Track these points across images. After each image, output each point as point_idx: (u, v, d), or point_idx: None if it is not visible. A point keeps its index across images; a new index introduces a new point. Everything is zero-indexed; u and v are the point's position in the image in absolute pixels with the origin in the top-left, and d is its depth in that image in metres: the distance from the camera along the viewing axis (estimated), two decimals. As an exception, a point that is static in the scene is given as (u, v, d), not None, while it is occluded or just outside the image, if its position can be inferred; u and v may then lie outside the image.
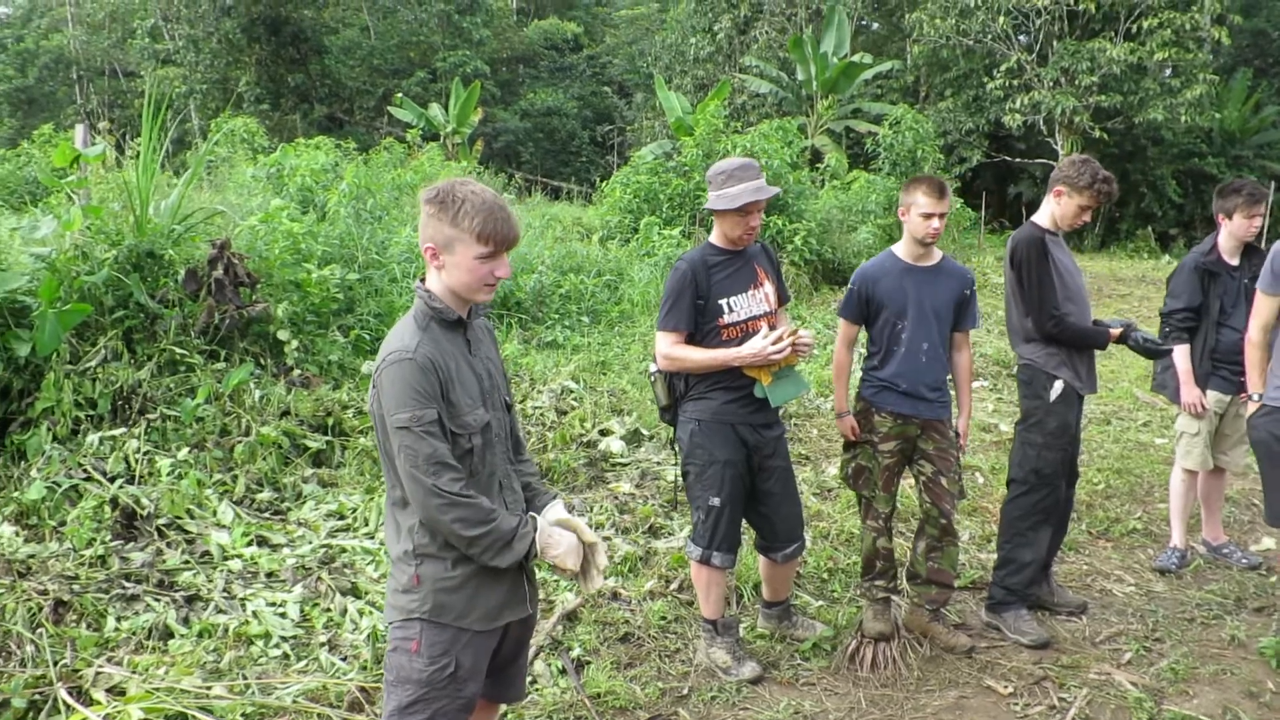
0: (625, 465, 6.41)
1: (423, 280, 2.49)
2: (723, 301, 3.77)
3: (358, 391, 6.98)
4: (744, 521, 4.03)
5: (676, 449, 3.99)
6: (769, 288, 3.90)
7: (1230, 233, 4.99)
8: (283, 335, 7.25)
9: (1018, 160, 24.49)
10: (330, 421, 6.22)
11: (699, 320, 3.77)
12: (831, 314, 11.68)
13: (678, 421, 3.91)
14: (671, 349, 3.76)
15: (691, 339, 3.80)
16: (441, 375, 2.36)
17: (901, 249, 4.22)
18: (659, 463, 6.51)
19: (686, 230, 13.73)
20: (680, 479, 4.01)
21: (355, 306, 8.59)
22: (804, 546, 4.08)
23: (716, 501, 3.81)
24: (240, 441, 5.74)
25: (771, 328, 3.81)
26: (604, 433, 6.92)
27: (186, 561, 4.52)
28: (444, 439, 2.33)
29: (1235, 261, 5.01)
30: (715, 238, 3.85)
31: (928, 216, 4.03)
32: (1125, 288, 16.01)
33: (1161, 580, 5.05)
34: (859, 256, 14.19)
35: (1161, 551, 5.35)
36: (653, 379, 3.93)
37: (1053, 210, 4.34)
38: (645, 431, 7.02)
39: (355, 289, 8.66)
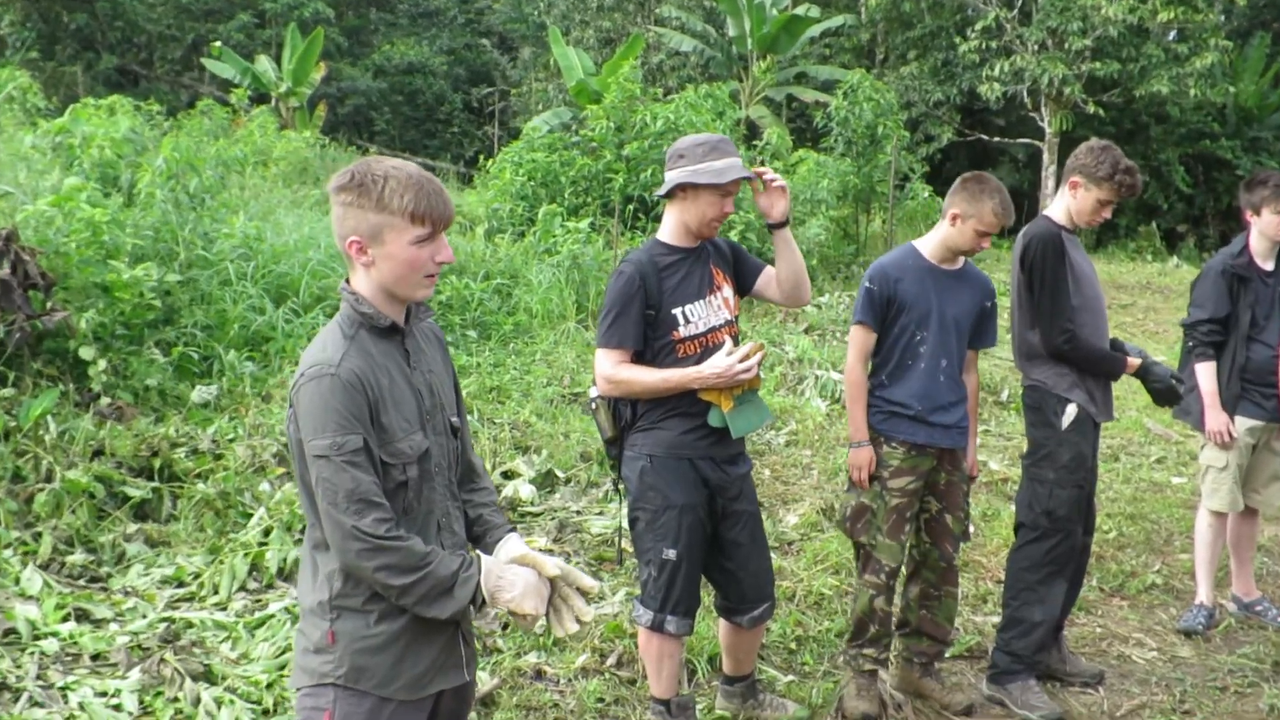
0: (538, 515, 6.56)
1: (347, 282, 2.59)
2: (677, 311, 3.96)
3: (187, 425, 6.98)
4: (703, 578, 4.22)
5: (622, 490, 4.16)
6: (728, 291, 4.12)
7: (1261, 232, 5.41)
8: (86, 353, 7.22)
9: (996, 140, 25.44)
10: (156, 464, 6.23)
11: (649, 334, 3.96)
12: (778, 328, 12.04)
13: (624, 457, 4.09)
14: (616, 370, 3.94)
15: (640, 357, 3.99)
16: (371, 394, 2.46)
17: (928, 247, 4.50)
18: (579, 511, 6.67)
19: (596, 222, 13.96)
20: (625, 527, 4.18)
21: (177, 316, 8.59)
22: (774, 607, 4.29)
23: (672, 554, 3.99)
24: (41, 489, 5.72)
25: (735, 340, 4.03)
26: (508, 475, 7.06)
27: (-15, 643, 4.49)
28: (370, 471, 2.42)
29: (1270, 266, 5.43)
30: (669, 232, 4.05)
31: (983, 235, 4.31)
32: (1127, 296, 16.81)
33: (1187, 643, 5.42)
34: (809, 257, 14.61)
35: (1186, 610, 5.73)
36: (593, 406, 4.10)
37: (1068, 205, 4.67)
38: (560, 473, 7.19)
39: (176, 294, 8.66)
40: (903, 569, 4.60)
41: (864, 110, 17.24)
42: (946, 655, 4.95)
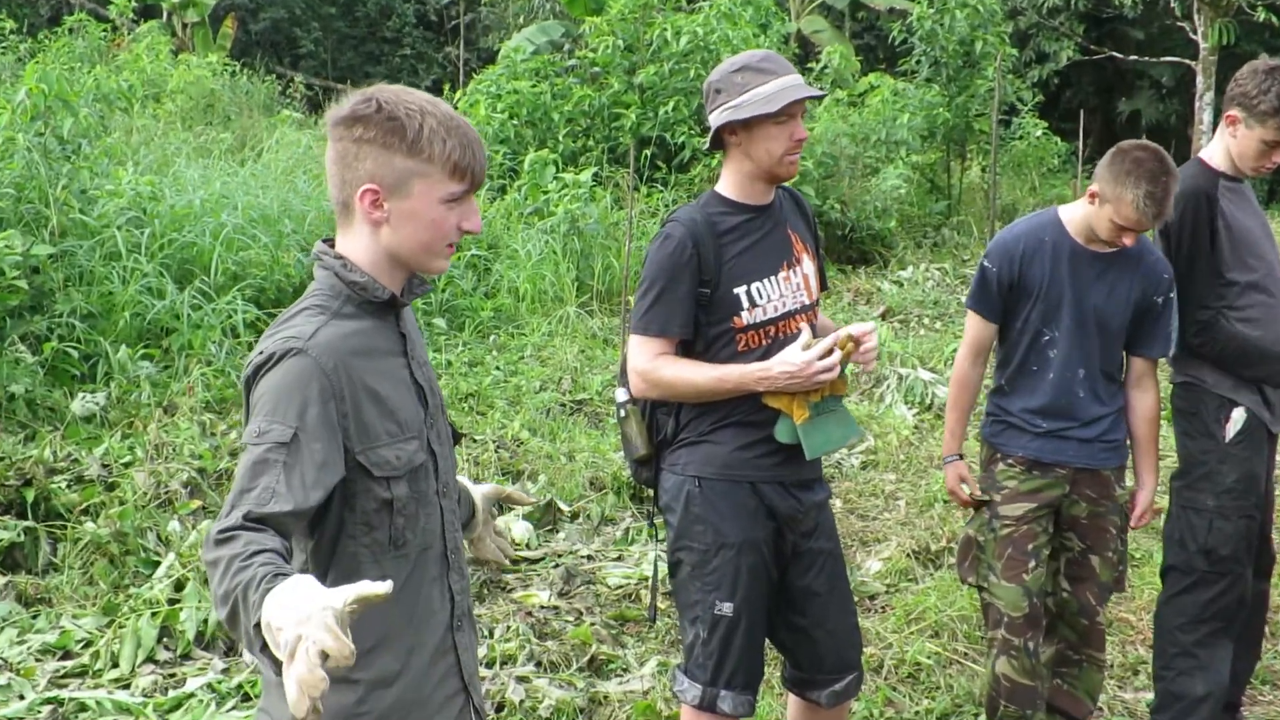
0: (536, 562, 6.61)
1: (328, 243, 2.65)
2: (740, 290, 3.98)
3: (67, 445, 7.05)
4: (768, 642, 4.26)
5: (659, 524, 4.20)
6: (809, 265, 4.15)
7: None
8: (-68, 351, 7.29)
9: (1133, 59, 25.42)
10: (29, 496, 6.29)
11: (701, 319, 3.99)
12: (845, 311, 12.09)
13: (662, 480, 4.13)
14: (655, 365, 3.96)
15: (687, 349, 4.03)
16: (346, 386, 2.49)
17: (1073, 218, 4.50)
18: (591, 556, 6.72)
19: (601, 174, 14.01)
20: (664, 572, 4.22)
21: (49, 301, 8.65)
22: (861, 679, 4.33)
23: (727, 609, 4.01)
24: (-121, 531, 5.78)
25: (815, 332, 4.06)
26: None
27: None
28: (286, 479, 2.34)
29: None
30: (729, 184, 4.07)
31: (1120, 230, 4.33)
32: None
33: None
34: (882, 216, 14.67)
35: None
36: (622, 413, 4.13)
37: (1227, 145, 4.70)
38: (564, 506, 7.24)
39: (47, 271, 8.75)
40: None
41: (956, 21, 17.26)
42: (1087, 744, 4.98)
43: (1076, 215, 4.47)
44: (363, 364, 2.54)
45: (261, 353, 2.48)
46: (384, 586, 2.02)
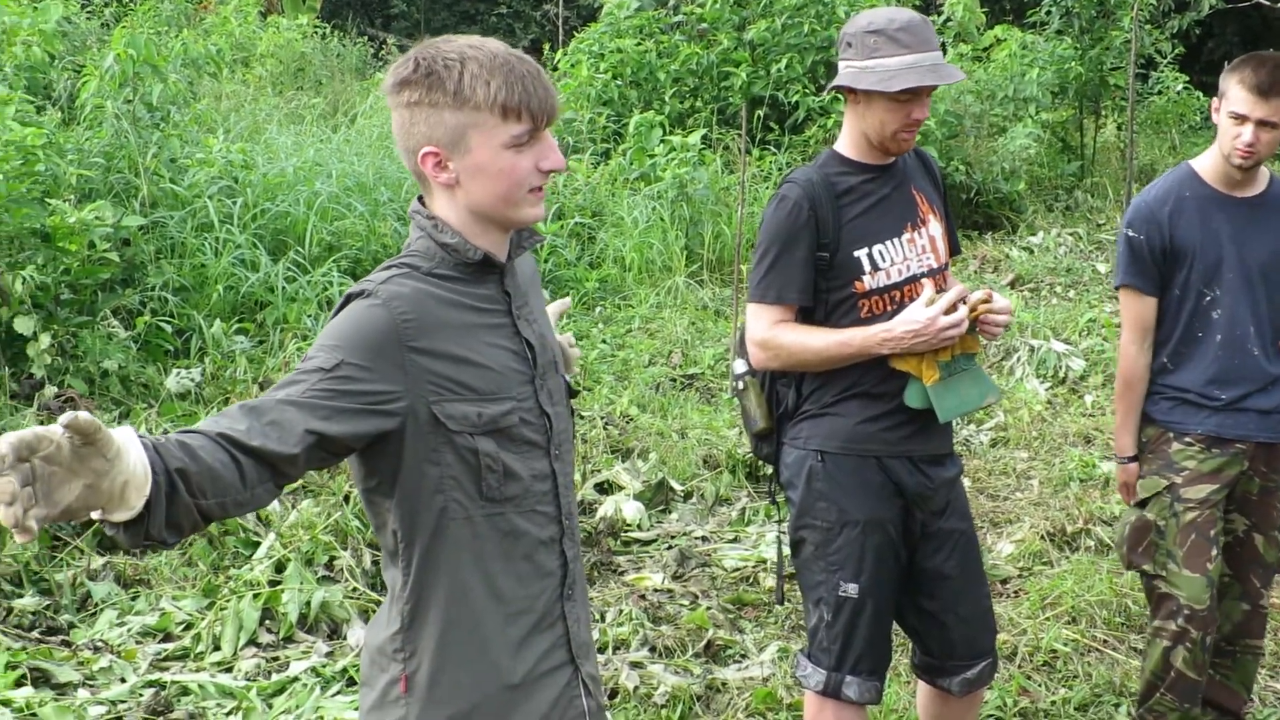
0: (649, 543, 6.66)
1: (420, 202, 2.69)
2: (861, 253, 4.00)
3: (162, 422, 7.19)
4: (895, 625, 4.28)
5: (781, 502, 4.23)
6: (936, 227, 4.15)
7: None
8: (23, 326, 7.48)
9: (1281, 6, 24.94)
10: (126, 476, 6.42)
11: (820, 285, 4.01)
12: (971, 280, 12.00)
13: (783, 455, 4.16)
14: (774, 333, 3.99)
15: (808, 318, 4.05)
16: (412, 339, 2.49)
17: (1206, 166, 4.50)
18: (706, 537, 6.76)
19: (711, 136, 14.01)
20: (787, 552, 4.25)
21: (140, 274, 8.82)
22: (995, 666, 4.33)
23: (852, 590, 4.04)
24: (-25, 511, 5.92)
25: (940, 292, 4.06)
26: (604, 489, 7.17)
27: (-82, 714, 4.71)
28: (309, 407, 2.35)
29: None
30: (848, 142, 4.09)
31: (1238, 120, 4.30)
32: None
33: None
34: (1011, 179, 14.54)
35: None
36: (740, 386, 4.17)
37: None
38: (676, 485, 7.28)
39: (138, 243, 8.91)
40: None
41: (1089, -33, 17.03)
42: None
43: (1208, 163, 4.47)
44: (444, 321, 2.55)
45: (339, 305, 2.55)
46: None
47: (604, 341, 9.93)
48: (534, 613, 2.67)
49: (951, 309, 3.89)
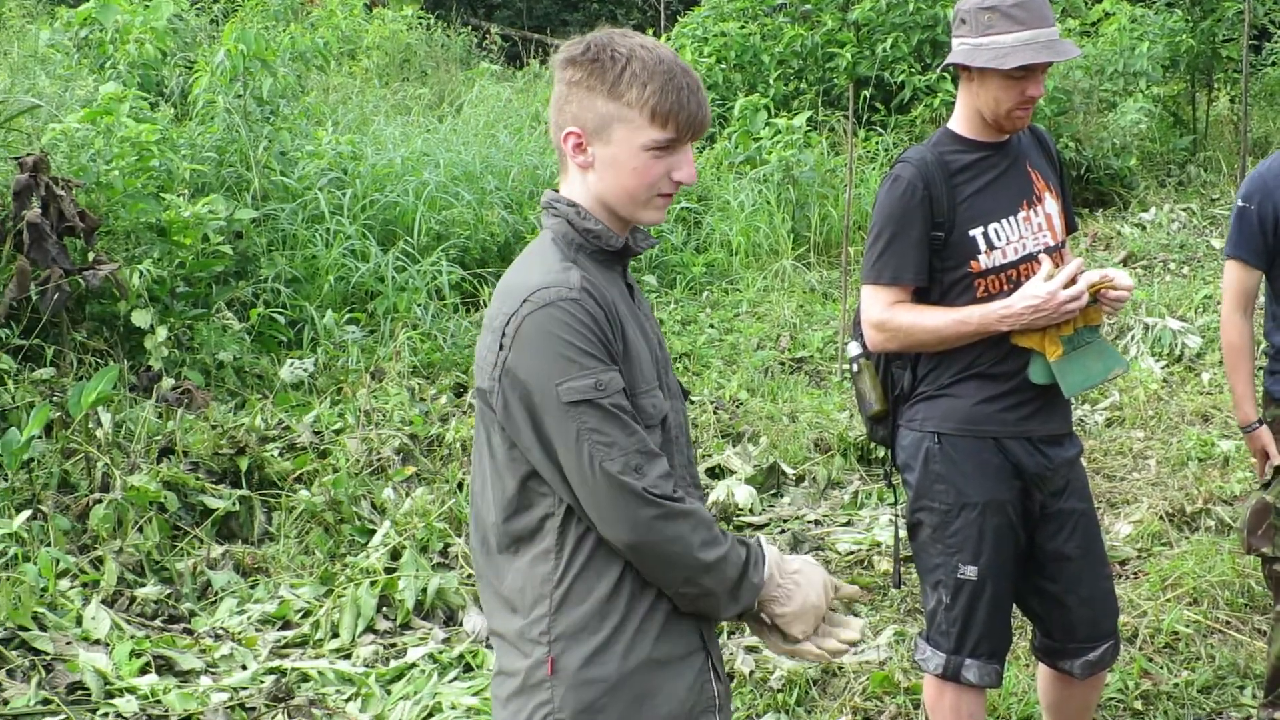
0: (762, 527, 6.65)
1: (555, 190, 2.74)
2: (977, 231, 3.97)
3: (278, 412, 7.27)
4: (1015, 608, 4.24)
5: (898, 484, 4.21)
6: (1052, 204, 4.10)
7: None
8: (141, 319, 7.60)
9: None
10: (243, 464, 6.53)
11: (935, 265, 3.99)
12: (1084, 257, 11.85)
13: (899, 438, 4.14)
14: (890, 314, 3.97)
15: (923, 299, 4.02)
16: (614, 332, 2.60)
17: None
18: (818, 521, 6.74)
19: (817, 118, 13.94)
20: (904, 534, 4.22)
21: (253, 266, 8.95)
22: (1118, 648, 4.28)
23: (971, 573, 4.01)
24: (99, 501, 6.05)
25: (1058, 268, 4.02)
26: (716, 473, 7.17)
27: (47, 702, 4.80)
28: (635, 417, 2.58)
29: None
30: (962, 120, 4.06)
31: None
32: None
33: None
34: (1122, 155, 14.35)
35: None
36: (854, 368, 4.15)
37: None
38: (788, 469, 7.26)
39: (251, 236, 9.05)
40: None
41: (1200, -64, 16.78)
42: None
43: None
44: (618, 310, 2.63)
45: (526, 299, 2.56)
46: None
47: (712, 326, 9.92)
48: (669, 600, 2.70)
49: (1071, 282, 3.85)
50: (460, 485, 6.45)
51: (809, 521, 6.76)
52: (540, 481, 2.61)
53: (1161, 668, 5.38)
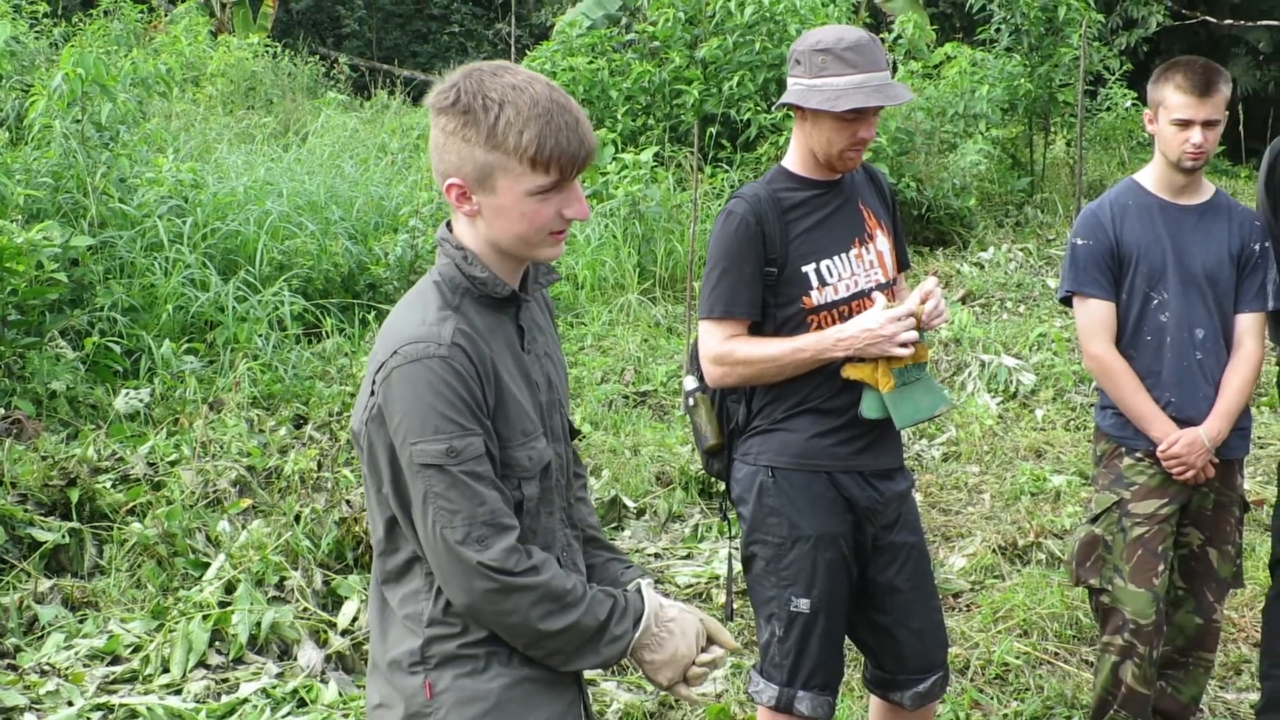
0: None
1: (448, 227, 2.73)
2: (809, 268, 4.03)
3: (111, 443, 7.14)
4: (847, 640, 4.28)
5: (733, 518, 4.24)
6: (883, 242, 4.17)
7: None
8: (-29, 347, 7.41)
9: (1228, 23, 25.18)
10: (74, 496, 6.39)
11: (769, 301, 4.04)
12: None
13: (733, 472, 4.17)
14: (727, 347, 4.01)
15: (757, 332, 4.06)
16: (487, 386, 2.60)
17: (1150, 177, 4.58)
18: (658, 554, 6.76)
19: (663, 154, 14.03)
20: (738, 567, 4.25)
21: (89, 295, 8.78)
22: (947, 679, 4.35)
23: (804, 605, 4.06)
24: (-79, 533, 5.89)
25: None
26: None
27: None
28: (494, 484, 2.58)
29: None
30: (795, 158, 4.12)
31: (1183, 125, 4.36)
32: None
33: None
34: (961, 195, 14.62)
35: None
36: (691, 402, 4.18)
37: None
38: (629, 502, 7.28)
39: (87, 264, 8.87)
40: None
41: (1037, -14, 17.14)
42: (1188, 747, 4.99)
43: (1151, 173, 4.57)
44: (494, 362, 2.62)
45: (396, 351, 2.56)
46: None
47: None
48: None
49: (902, 318, 3.92)
50: (298, 518, 6.36)
51: (649, 554, 6.78)
52: (406, 515, 2.62)
53: (992, 698, 5.48)
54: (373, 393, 2.58)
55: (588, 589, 2.66)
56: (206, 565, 6.09)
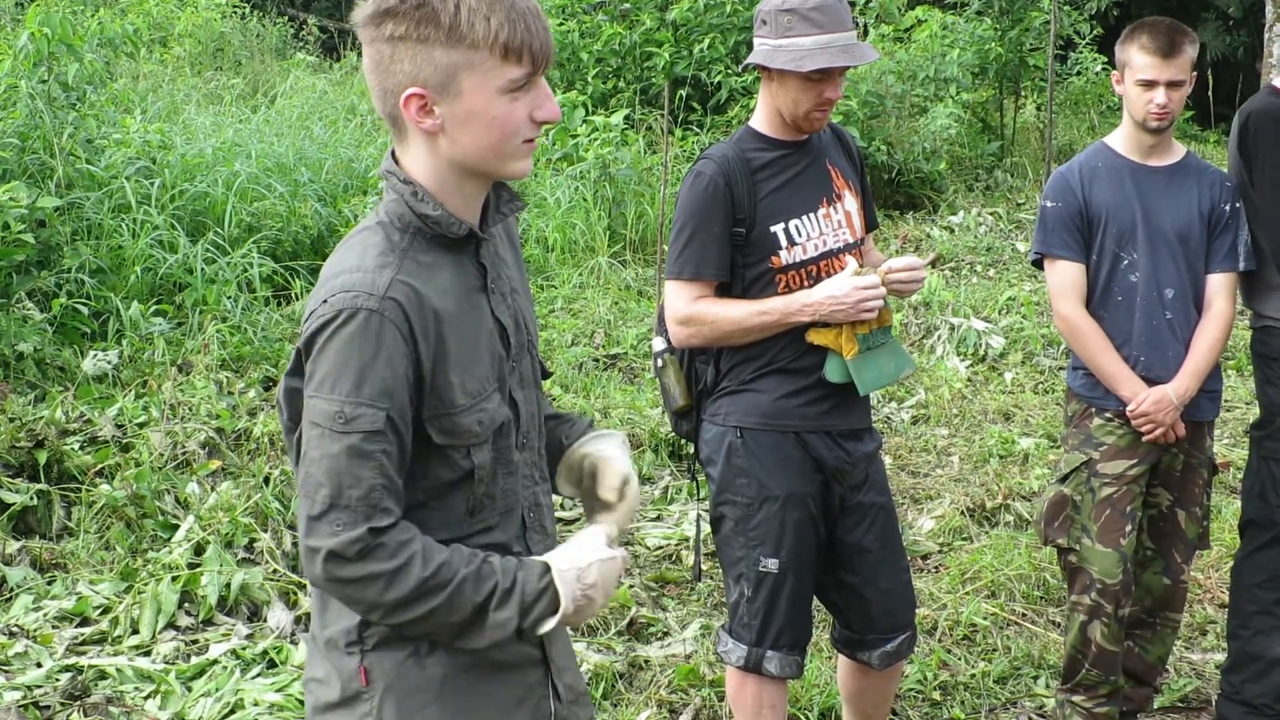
0: (571, 523, 6.66)
1: (394, 159, 2.48)
2: (778, 228, 4.04)
3: (79, 405, 7.11)
4: (816, 600, 4.31)
5: (700, 480, 4.25)
6: (851, 202, 4.18)
7: None
8: (-64, 309, 7.36)
9: (1197, -12, 25.21)
10: (42, 458, 6.36)
11: (737, 261, 4.04)
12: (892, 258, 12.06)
13: (702, 433, 4.18)
14: (694, 309, 4.02)
15: (726, 293, 4.07)
16: (426, 344, 2.36)
17: (1119, 139, 4.60)
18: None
19: (634, 116, 13.99)
20: (707, 528, 4.26)
21: (56, 256, 8.71)
22: (914, 639, 4.37)
23: (772, 565, 4.08)
24: (-113, 495, 5.87)
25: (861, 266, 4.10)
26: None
27: None
28: (379, 466, 2.32)
29: None
30: (763, 119, 4.13)
31: (1148, 85, 4.37)
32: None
33: None
34: (932, 159, 14.63)
35: None
36: (659, 363, 4.19)
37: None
38: (600, 465, 7.28)
39: (54, 225, 8.79)
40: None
41: (1009, -52, 17.15)
42: (1154, 706, 5.02)
43: (1120, 135, 4.59)
44: (440, 316, 2.39)
45: (328, 300, 2.34)
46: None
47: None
48: None
49: (872, 285, 3.94)
50: (267, 480, 6.35)
51: (623, 516, 6.79)
52: None
53: (959, 659, 5.51)
54: (305, 329, 2.36)
55: (461, 571, 2.36)
56: (176, 527, 6.08)
